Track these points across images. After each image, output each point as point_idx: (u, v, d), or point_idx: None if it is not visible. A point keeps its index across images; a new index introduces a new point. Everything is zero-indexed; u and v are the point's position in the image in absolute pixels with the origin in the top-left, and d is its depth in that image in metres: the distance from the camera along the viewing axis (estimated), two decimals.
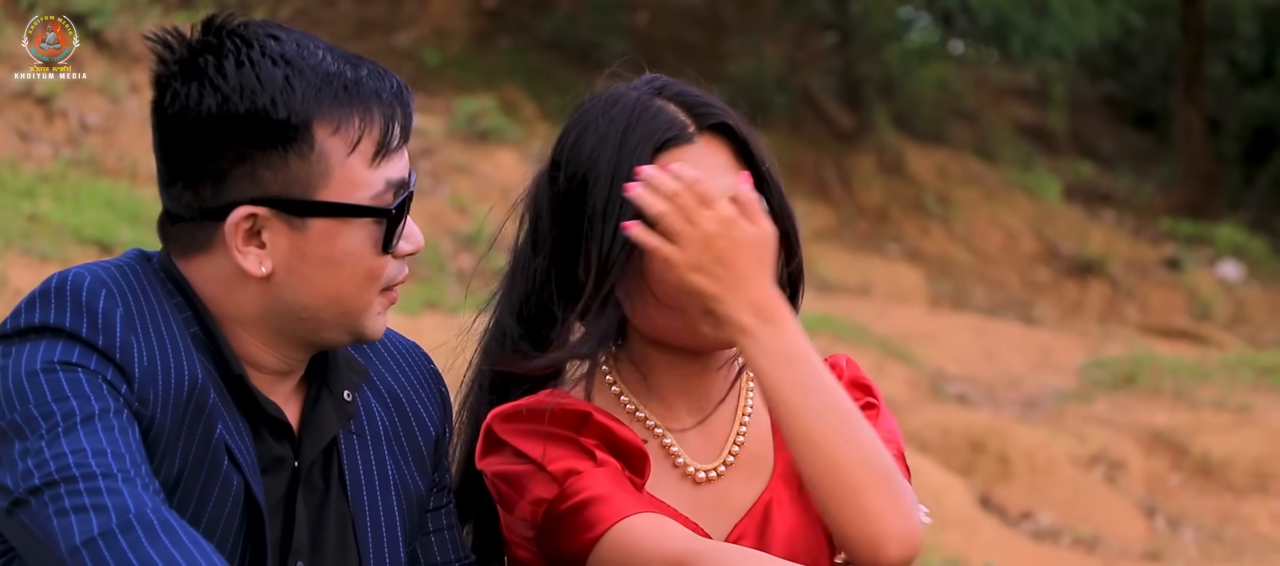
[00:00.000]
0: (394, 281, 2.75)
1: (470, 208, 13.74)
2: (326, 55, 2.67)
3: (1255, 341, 17.18)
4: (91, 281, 2.61)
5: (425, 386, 2.97)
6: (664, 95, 2.99)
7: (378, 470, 2.85)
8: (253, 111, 2.61)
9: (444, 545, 3.00)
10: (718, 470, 3.02)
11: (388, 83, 2.69)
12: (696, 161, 2.93)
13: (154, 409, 2.58)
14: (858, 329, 12.70)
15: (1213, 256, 20.17)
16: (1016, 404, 12.67)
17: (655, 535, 2.83)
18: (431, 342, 3.14)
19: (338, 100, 2.64)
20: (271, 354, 2.72)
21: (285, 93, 2.61)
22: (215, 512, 2.64)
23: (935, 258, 18.45)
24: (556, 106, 17.96)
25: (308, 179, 2.64)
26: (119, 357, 2.57)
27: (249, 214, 2.63)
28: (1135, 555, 10.50)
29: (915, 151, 20.22)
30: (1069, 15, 18.26)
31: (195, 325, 2.67)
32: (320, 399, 2.78)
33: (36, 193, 10.21)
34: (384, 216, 2.68)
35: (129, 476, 2.48)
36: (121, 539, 2.43)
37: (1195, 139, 22.07)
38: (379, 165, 2.68)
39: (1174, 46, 23.31)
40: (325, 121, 2.63)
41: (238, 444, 2.67)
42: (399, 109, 2.70)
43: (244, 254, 2.65)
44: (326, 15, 18.71)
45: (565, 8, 19.99)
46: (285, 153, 2.62)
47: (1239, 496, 11.49)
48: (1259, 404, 12.57)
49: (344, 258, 2.67)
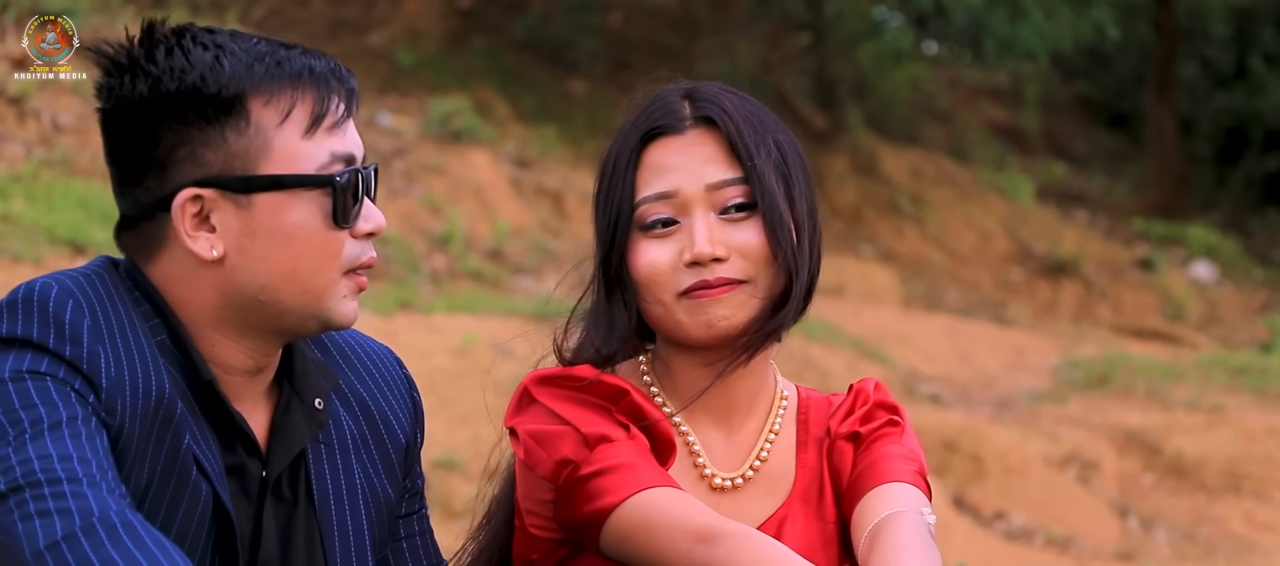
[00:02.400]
0: (357, 262, 2.73)
1: (443, 208, 13.73)
2: (259, 42, 2.70)
3: (1228, 342, 17.23)
4: (58, 291, 2.61)
5: (396, 393, 2.97)
6: (684, 92, 3.03)
7: (346, 480, 2.85)
8: (183, 88, 2.64)
9: (416, 551, 3.01)
10: (737, 480, 3.03)
11: (321, 60, 2.71)
12: (681, 151, 2.96)
13: (122, 419, 2.59)
14: (831, 329, 12.70)
15: (1185, 257, 20.22)
16: (990, 404, 12.69)
17: (679, 507, 2.83)
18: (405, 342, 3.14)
19: (269, 74, 2.66)
20: (241, 351, 2.72)
21: (215, 69, 2.64)
22: (184, 522, 2.64)
23: (909, 258, 18.47)
24: (530, 107, 17.95)
25: (247, 153, 2.65)
26: (86, 368, 2.57)
27: (194, 196, 2.65)
28: (1108, 555, 10.52)
29: (889, 152, 20.24)
30: (1043, 19, 18.28)
31: (162, 332, 2.67)
32: (291, 407, 2.78)
33: (9, 193, 10.18)
34: (328, 185, 2.67)
35: (94, 480, 2.48)
36: (84, 541, 2.43)
37: (1168, 140, 22.12)
38: (317, 136, 2.68)
39: (1147, 47, 23.36)
40: (257, 94, 2.66)
41: (205, 453, 2.66)
42: (336, 82, 2.71)
43: (194, 238, 2.66)
44: (299, 16, 18.68)
45: (539, 8, 19.98)
46: (222, 129, 2.64)
47: (1212, 496, 11.51)
48: (1231, 404, 12.60)
49: (294, 231, 2.67)
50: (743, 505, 3.02)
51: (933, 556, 2.82)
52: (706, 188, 2.95)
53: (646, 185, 2.96)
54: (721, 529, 2.78)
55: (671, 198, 2.95)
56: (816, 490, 3.05)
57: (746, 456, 3.05)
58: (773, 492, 3.04)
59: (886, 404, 3.11)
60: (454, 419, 8.34)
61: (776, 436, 3.07)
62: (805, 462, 3.06)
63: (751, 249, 2.96)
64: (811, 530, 3.03)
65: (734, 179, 2.96)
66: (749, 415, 3.06)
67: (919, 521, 2.89)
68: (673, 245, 2.95)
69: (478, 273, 13.17)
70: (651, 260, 2.95)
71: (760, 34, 20.12)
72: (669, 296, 2.94)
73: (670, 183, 2.95)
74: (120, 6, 13.04)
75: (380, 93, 16.60)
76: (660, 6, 20.84)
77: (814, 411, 3.12)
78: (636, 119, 3.00)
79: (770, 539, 2.79)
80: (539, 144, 16.59)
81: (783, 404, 3.10)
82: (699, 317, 2.94)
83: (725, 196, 2.96)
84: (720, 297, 2.94)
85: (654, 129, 2.98)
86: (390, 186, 13.42)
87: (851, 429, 3.07)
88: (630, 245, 2.96)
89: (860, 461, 3.04)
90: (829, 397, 3.15)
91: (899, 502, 2.93)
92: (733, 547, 2.75)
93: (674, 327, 2.96)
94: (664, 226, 2.95)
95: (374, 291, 11.08)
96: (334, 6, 19.16)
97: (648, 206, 2.96)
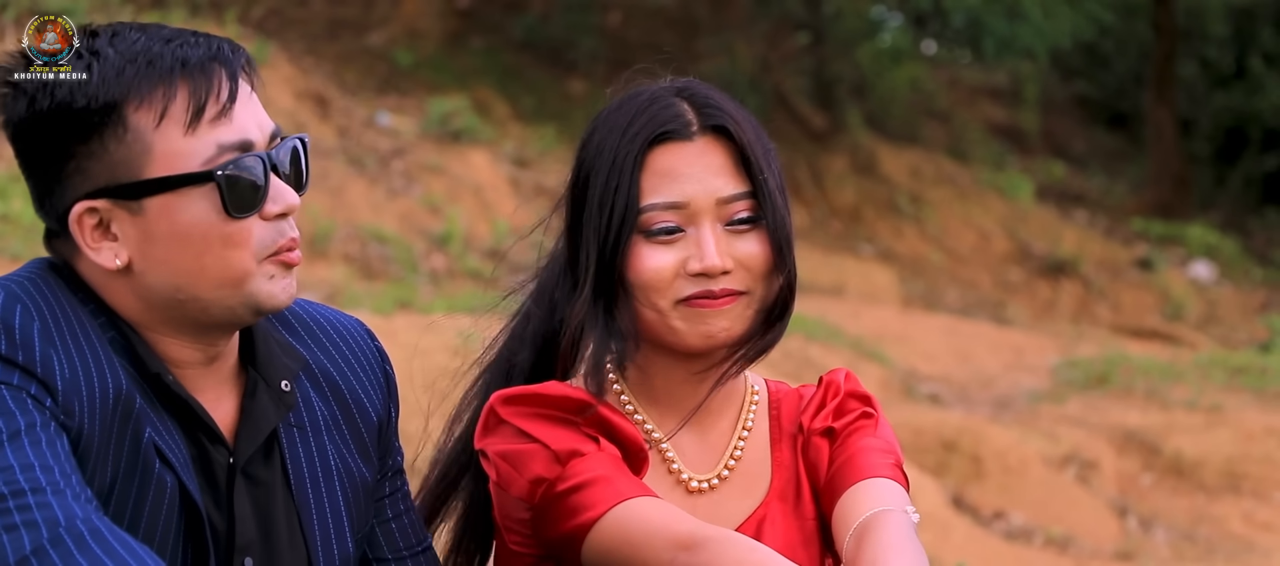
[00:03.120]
0: (274, 246, 2.69)
1: (443, 208, 13.72)
2: (139, 40, 2.66)
3: (1227, 341, 17.23)
4: (5, 297, 2.59)
5: (366, 369, 2.94)
6: (682, 94, 3.00)
7: (320, 462, 2.83)
8: (55, 106, 2.63)
9: (402, 530, 3.00)
10: (712, 481, 3.02)
11: (199, 48, 2.66)
12: (691, 159, 2.95)
13: (80, 420, 2.57)
14: (830, 329, 12.70)
15: (1184, 257, 20.22)
16: (989, 404, 12.68)
17: (659, 516, 2.83)
18: (403, 342, 3.13)
19: (139, 76, 2.63)
20: (184, 346, 2.70)
21: (83, 84, 2.62)
22: (152, 516, 2.63)
23: (908, 258, 18.47)
24: (529, 106, 17.96)
25: (129, 161, 2.62)
26: (40, 372, 2.55)
27: (88, 208, 2.63)
28: (1107, 555, 10.51)
29: (888, 152, 20.24)
30: (1042, 17, 18.29)
31: (112, 330, 2.65)
32: (257, 391, 2.76)
33: (8, 193, 10.18)
34: (207, 180, 2.63)
35: (58, 488, 2.47)
36: (52, 553, 2.42)
37: (1167, 139, 22.12)
38: (200, 130, 2.64)
39: (1146, 47, 23.35)
40: (129, 100, 2.62)
41: (168, 443, 2.65)
42: (217, 67, 2.66)
43: (97, 250, 2.64)
44: (299, 15, 18.67)
45: (538, 8, 19.97)
46: (102, 139, 2.62)
47: (1211, 496, 11.51)
48: (1231, 404, 12.60)
49: (190, 229, 2.63)
50: (720, 506, 3.01)
51: (921, 557, 2.81)
52: (717, 200, 2.94)
53: (655, 191, 2.94)
54: (703, 535, 2.77)
55: (682, 208, 2.94)
56: (794, 487, 3.04)
57: (720, 456, 3.04)
58: (749, 492, 3.04)
59: (858, 394, 3.10)
60: None
61: (749, 433, 3.06)
62: (780, 460, 3.05)
63: (754, 261, 2.95)
64: (791, 528, 3.02)
65: (743, 193, 2.95)
66: (721, 414, 3.05)
67: (905, 520, 2.87)
68: (677, 253, 2.94)
69: (477, 272, 13.16)
70: (656, 266, 2.94)
71: (759, 34, 20.12)
72: (666, 303, 2.94)
73: (682, 193, 2.94)
74: (119, 6, 13.03)
75: (379, 92, 16.60)
76: (660, 6, 20.84)
77: (785, 405, 3.11)
78: (637, 119, 2.98)
79: (752, 541, 2.77)
80: (538, 144, 16.58)
81: (754, 400, 3.09)
82: (699, 327, 2.93)
83: (734, 209, 2.95)
84: (722, 309, 2.93)
85: (662, 133, 2.96)
86: (389, 186, 13.40)
87: (825, 423, 3.06)
88: (630, 248, 2.95)
89: (836, 456, 3.03)
90: (799, 391, 3.14)
91: (882, 500, 2.91)
92: (715, 553, 2.74)
93: (667, 333, 2.95)
94: (668, 234, 2.94)
95: (373, 291, 11.07)
96: (333, 6, 19.15)
97: (655, 213, 2.94)
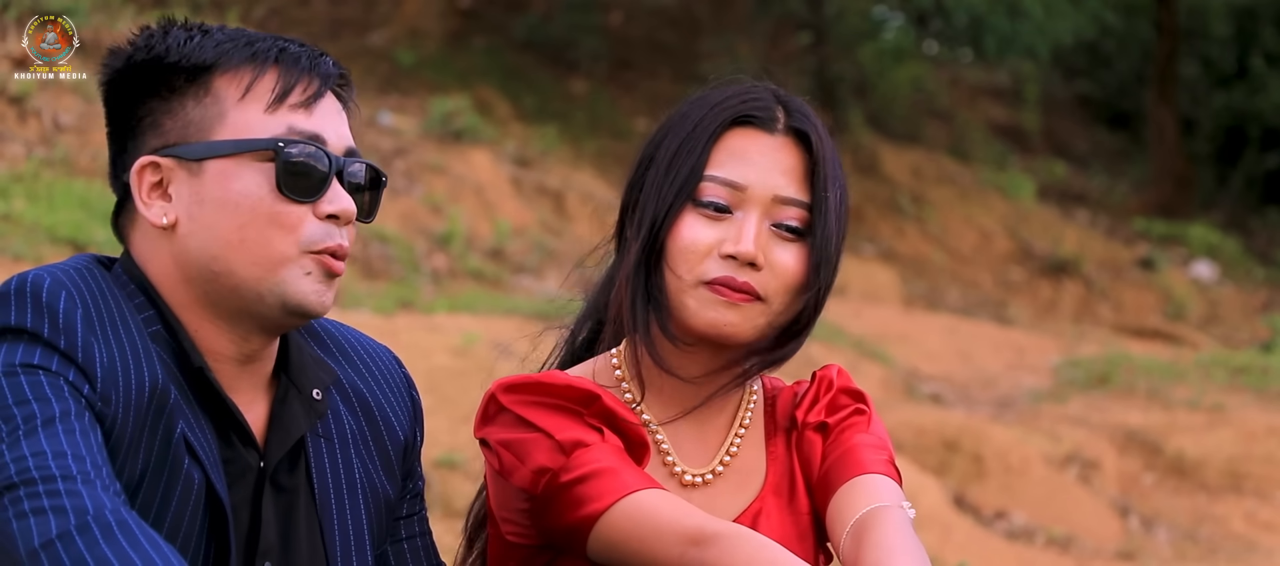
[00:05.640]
0: (321, 244, 2.71)
1: (444, 207, 13.73)
2: (247, 32, 2.75)
3: (1228, 341, 17.23)
4: (51, 283, 2.60)
5: (395, 392, 2.96)
6: (778, 96, 3.03)
7: (346, 474, 2.85)
8: (150, 59, 2.70)
9: (417, 552, 3.00)
10: (707, 477, 3.02)
11: (301, 47, 2.75)
12: (765, 151, 2.96)
13: (116, 409, 2.58)
14: (832, 329, 12.70)
15: (1186, 256, 20.22)
16: (990, 403, 12.69)
17: (668, 510, 2.81)
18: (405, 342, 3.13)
19: (238, 52, 2.71)
20: (223, 336, 2.71)
21: (185, 45, 2.71)
22: (178, 511, 2.64)
23: (910, 257, 18.47)
24: (531, 106, 17.96)
25: (203, 123, 2.69)
26: (81, 359, 2.57)
27: (153, 164, 2.69)
28: (1109, 555, 10.52)
29: (889, 151, 20.24)
30: (1043, 16, 18.29)
31: (156, 323, 2.68)
32: (288, 397, 2.78)
33: (10, 192, 10.19)
34: (271, 150, 2.68)
35: (88, 478, 2.48)
36: (78, 540, 2.43)
37: (1168, 139, 22.12)
38: (279, 112, 2.70)
39: (1148, 46, 23.35)
40: (221, 69, 2.70)
41: (199, 439, 2.66)
42: (309, 63, 2.73)
43: (149, 205, 2.69)
44: (300, 15, 18.68)
45: (539, 8, 19.98)
46: (183, 99, 2.69)
47: (1213, 496, 11.51)
48: (1232, 403, 12.60)
49: (240, 199, 2.67)
50: (714, 501, 3.00)
51: (921, 555, 2.80)
52: (774, 197, 2.94)
53: (719, 165, 2.95)
54: (713, 530, 2.76)
55: (739, 190, 2.94)
56: (788, 483, 3.04)
57: (716, 451, 3.04)
58: (743, 487, 3.03)
59: (851, 390, 3.10)
60: (455, 418, 8.34)
61: (746, 430, 3.06)
62: (775, 455, 3.05)
63: (788, 271, 2.94)
64: (786, 523, 3.01)
65: (801, 201, 2.95)
66: (719, 410, 3.05)
67: (902, 516, 2.87)
68: (717, 231, 2.93)
69: (478, 272, 13.16)
70: (694, 238, 2.93)
71: (761, 33, 20.13)
72: (691, 277, 2.93)
73: (744, 176, 2.94)
74: (120, 6, 13.04)
75: (381, 92, 16.60)
76: (661, 6, 20.84)
77: (779, 401, 3.11)
78: (730, 98, 2.99)
79: (762, 537, 2.76)
80: (540, 143, 16.59)
81: (752, 397, 3.09)
82: (708, 312, 2.92)
83: (786, 213, 2.95)
84: (736, 304, 2.92)
85: (748, 116, 2.97)
86: (391, 186, 13.40)
87: (818, 418, 3.06)
88: (680, 214, 2.95)
89: (830, 452, 3.03)
90: (793, 386, 3.14)
91: (878, 496, 2.91)
92: (726, 548, 2.74)
93: (679, 308, 2.94)
94: (716, 211, 2.94)
95: (374, 291, 11.08)
96: (334, 6, 19.16)
97: (712, 185, 2.94)
